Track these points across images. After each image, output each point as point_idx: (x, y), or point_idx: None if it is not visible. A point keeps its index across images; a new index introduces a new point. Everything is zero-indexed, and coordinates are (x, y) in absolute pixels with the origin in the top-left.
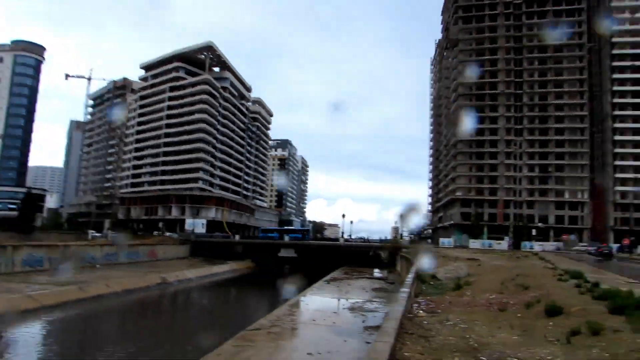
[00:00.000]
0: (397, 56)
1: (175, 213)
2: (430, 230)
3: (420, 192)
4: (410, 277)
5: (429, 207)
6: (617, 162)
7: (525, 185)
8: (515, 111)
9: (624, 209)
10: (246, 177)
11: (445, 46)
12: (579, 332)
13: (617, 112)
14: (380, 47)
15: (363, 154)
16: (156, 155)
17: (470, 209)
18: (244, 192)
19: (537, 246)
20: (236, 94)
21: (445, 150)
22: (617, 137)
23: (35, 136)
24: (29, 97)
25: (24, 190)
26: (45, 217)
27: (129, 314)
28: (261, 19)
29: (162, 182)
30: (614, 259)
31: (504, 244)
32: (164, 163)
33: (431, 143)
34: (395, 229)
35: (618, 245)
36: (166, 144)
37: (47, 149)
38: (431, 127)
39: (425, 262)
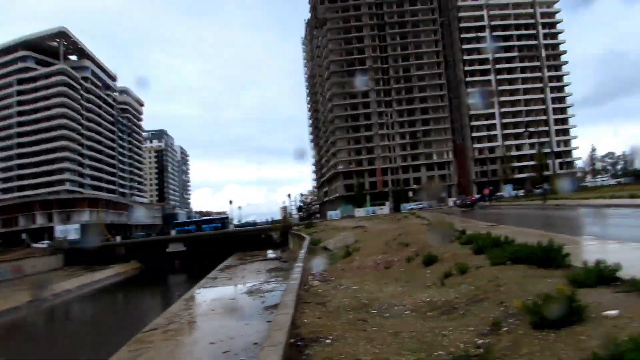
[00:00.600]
0: (272, 37)
1: (40, 221)
2: (317, 206)
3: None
4: (302, 253)
5: (315, 183)
6: (473, 123)
7: (399, 152)
8: (384, 84)
9: (482, 163)
10: (121, 173)
11: (315, 25)
12: (451, 274)
13: (468, 79)
14: (255, 29)
15: (246, 137)
16: (9, 158)
17: (353, 180)
18: (121, 190)
19: (414, 206)
20: (100, 84)
21: (323, 127)
22: (471, 101)
23: None
24: None
25: None
26: None
27: None
28: (126, 2)
29: (21, 188)
30: (477, 207)
31: (385, 209)
32: (20, 166)
33: (310, 121)
34: (284, 209)
35: (479, 195)
36: (20, 145)
37: None
38: (309, 106)
39: (314, 236)
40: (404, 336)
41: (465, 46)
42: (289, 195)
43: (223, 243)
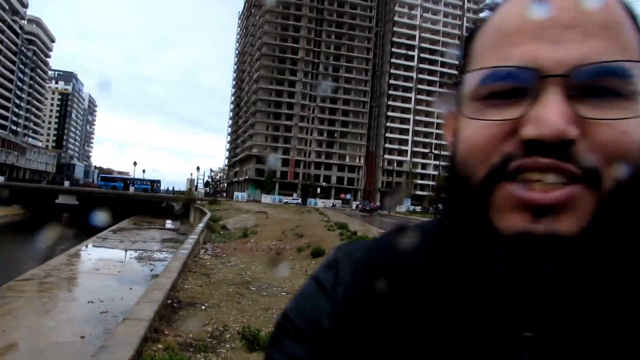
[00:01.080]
0: (209, 1)
1: None
2: (225, 184)
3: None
4: (200, 226)
5: (226, 162)
6: (388, 135)
7: (314, 147)
8: (311, 78)
9: (389, 174)
10: (16, 110)
11: (253, 3)
12: None
13: (391, 92)
14: None
15: (164, 99)
16: None
17: (265, 165)
18: (13, 127)
19: (320, 203)
20: (7, 7)
21: (245, 106)
22: (389, 113)
23: None
24: None
25: None
26: None
27: None
28: None
29: None
30: (376, 214)
31: (293, 200)
32: None
33: (232, 97)
34: (191, 181)
35: (380, 203)
36: None
37: None
38: (234, 82)
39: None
40: (273, 312)
41: (394, 60)
42: (197, 169)
43: (120, 205)
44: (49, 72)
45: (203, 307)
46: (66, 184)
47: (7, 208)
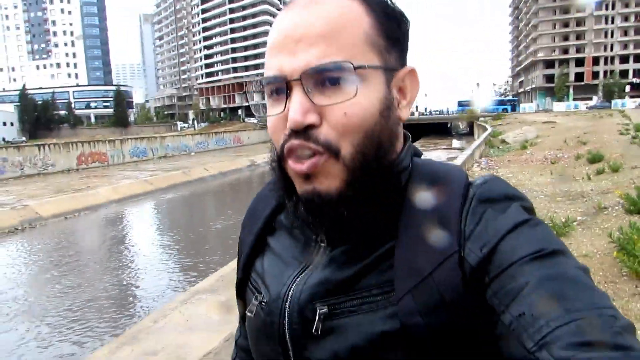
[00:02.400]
0: None
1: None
2: (511, 97)
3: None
4: (476, 143)
5: (510, 72)
6: None
7: (618, 37)
8: None
9: None
10: None
11: None
12: (603, 172)
13: None
14: None
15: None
16: (224, 42)
17: (554, 69)
18: None
19: (630, 103)
20: None
21: (525, 7)
22: None
23: (110, 34)
24: None
25: (113, 88)
26: (134, 112)
27: (228, 191)
28: None
29: (235, 70)
30: None
31: (592, 105)
32: (234, 50)
33: (511, 0)
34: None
35: None
36: (233, 30)
37: (123, 45)
38: None
39: (497, 129)
40: None
41: None
42: (477, 85)
43: (409, 130)
44: None
45: None
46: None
47: None
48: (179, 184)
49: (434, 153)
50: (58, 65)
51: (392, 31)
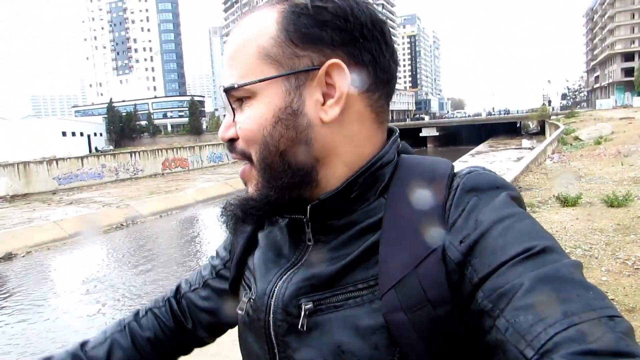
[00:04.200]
0: None
1: None
2: (585, 93)
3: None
4: (548, 139)
5: (584, 67)
6: None
7: None
8: None
9: None
10: None
11: None
12: None
13: None
14: None
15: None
16: None
17: (634, 62)
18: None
19: None
20: None
21: None
22: None
23: (183, 47)
24: (173, 12)
25: (188, 98)
26: (207, 120)
27: None
28: None
29: None
30: None
31: None
32: None
33: None
34: (544, 96)
35: None
36: None
37: (194, 56)
38: None
39: (570, 126)
40: (592, 191)
41: None
42: (549, 82)
43: (474, 130)
44: (396, 19)
45: (537, 190)
46: (426, 118)
47: None
48: None
49: (503, 153)
50: (139, 79)
51: (306, 29)
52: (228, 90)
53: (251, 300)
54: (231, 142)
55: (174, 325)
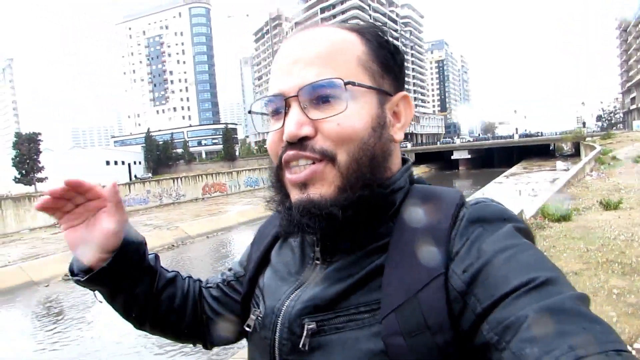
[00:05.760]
0: None
1: None
2: (621, 115)
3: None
4: (586, 159)
5: (620, 89)
6: None
7: None
8: None
9: None
10: (405, 86)
11: None
12: None
13: None
14: None
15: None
16: None
17: None
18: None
19: None
20: (384, 1)
21: (634, 19)
22: None
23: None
24: (207, 44)
25: (222, 126)
26: (239, 147)
27: None
28: None
29: None
30: None
31: None
32: None
33: (617, 15)
34: (578, 118)
35: None
36: None
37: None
38: None
39: (607, 147)
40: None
41: None
42: (582, 104)
43: (506, 152)
44: (424, 44)
45: (580, 199)
46: (457, 141)
47: (416, 167)
48: None
49: (538, 174)
50: (174, 109)
51: (386, 60)
52: (347, 84)
53: (259, 317)
54: (302, 141)
55: (192, 307)
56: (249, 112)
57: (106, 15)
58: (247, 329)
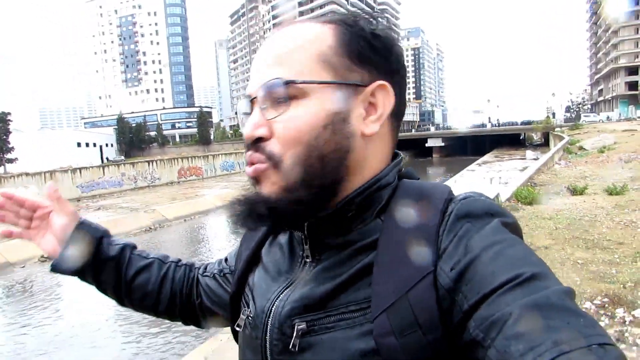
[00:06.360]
0: None
1: None
2: (589, 106)
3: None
4: (555, 148)
5: (588, 81)
6: None
7: None
8: None
9: None
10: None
11: None
12: None
13: None
14: None
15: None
16: None
17: (638, 76)
18: None
19: None
20: None
21: (604, 12)
22: None
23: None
24: (182, 25)
25: (196, 109)
26: (214, 131)
27: None
28: None
29: None
30: None
31: None
32: None
33: (588, 5)
34: (547, 109)
35: None
36: None
37: (200, 68)
38: None
39: (575, 137)
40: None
41: None
42: (553, 94)
43: (479, 141)
44: (400, 32)
45: (549, 185)
46: (432, 129)
47: None
48: None
49: (509, 163)
50: (147, 91)
51: (361, 49)
52: (288, 83)
53: (249, 317)
54: (257, 141)
55: (187, 292)
56: (236, 113)
57: None
58: (237, 328)
